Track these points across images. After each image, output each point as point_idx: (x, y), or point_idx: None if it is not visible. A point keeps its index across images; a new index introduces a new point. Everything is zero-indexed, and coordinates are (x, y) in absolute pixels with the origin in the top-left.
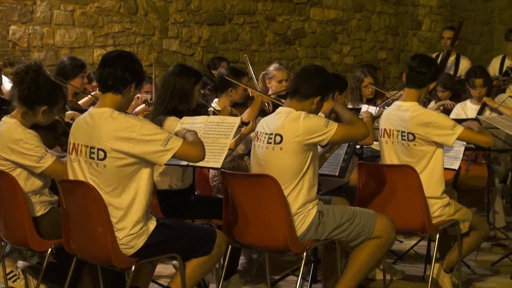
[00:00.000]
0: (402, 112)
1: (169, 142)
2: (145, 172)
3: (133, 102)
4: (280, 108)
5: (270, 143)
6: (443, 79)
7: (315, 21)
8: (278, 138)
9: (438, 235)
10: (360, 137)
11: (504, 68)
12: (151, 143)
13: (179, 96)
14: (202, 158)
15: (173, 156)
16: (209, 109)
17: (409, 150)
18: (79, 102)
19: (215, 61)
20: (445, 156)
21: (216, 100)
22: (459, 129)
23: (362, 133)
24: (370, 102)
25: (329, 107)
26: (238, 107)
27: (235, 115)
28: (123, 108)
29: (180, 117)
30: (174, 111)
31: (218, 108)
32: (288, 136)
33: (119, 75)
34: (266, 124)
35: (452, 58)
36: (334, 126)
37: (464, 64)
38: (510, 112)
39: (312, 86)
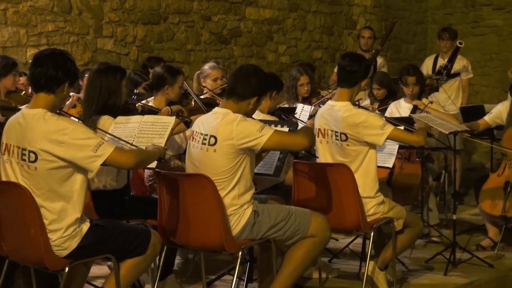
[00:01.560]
0: (334, 112)
1: (100, 148)
2: (79, 177)
3: (68, 102)
4: (216, 108)
5: (205, 144)
6: (378, 77)
7: (250, 20)
8: (212, 140)
9: (372, 233)
10: (297, 148)
11: (437, 67)
12: (81, 148)
13: (108, 94)
14: (132, 166)
15: (104, 163)
16: (137, 105)
17: (343, 150)
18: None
19: (151, 61)
20: (379, 154)
21: (151, 98)
22: (389, 128)
23: (299, 143)
24: (305, 100)
25: (267, 105)
26: (173, 106)
27: (180, 112)
28: (56, 107)
29: (112, 114)
30: (105, 108)
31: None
32: (222, 139)
33: (51, 74)
34: (202, 124)
35: (368, 56)
36: (268, 132)
37: (379, 61)
38: (438, 114)
39: (249, 87)
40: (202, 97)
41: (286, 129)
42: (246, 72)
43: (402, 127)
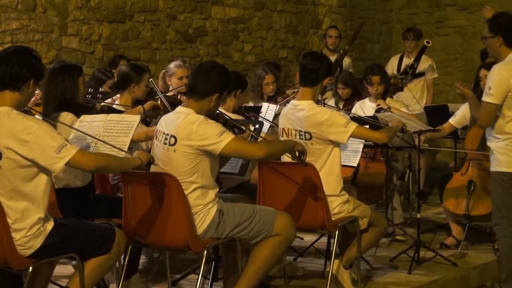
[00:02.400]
0: (298, 111)
1: (63, 149)
2: (43, 177)
3: (32, 99)
4: (179, 107)
5: (166, 144)
6: (343, 76)
7: (216, 19)
8: (172, 140)
9: (337, 232)
10: (252, 158)
11: (403, 66)
12: (44, 149)
13: (65, 92)
14: (93, 170)
15: (67, 164)
16: (96, 105)
17: (307, 149)
18: None
19: (116, 59)
20: (345, 153)
21: (117, 97)
22: (352, 126)
23: (255, 154)
24: (271, 99)
25: (231, 104)
26: (140, 104)
27: (155, 107)
28: (22, 105)
29: (71, 111)
30: (64, 106)
31: (119, 105)
32: (181, 139)
33: (16, 72)
34: (165, 123)
35: (335, 56)
36: (227, 138)
37: (346, 62)
38: (401, 113)
39: (209, 84)
40: (168, 94)
41: (251, 128)
42: (205, 69)
43: (367, 126)
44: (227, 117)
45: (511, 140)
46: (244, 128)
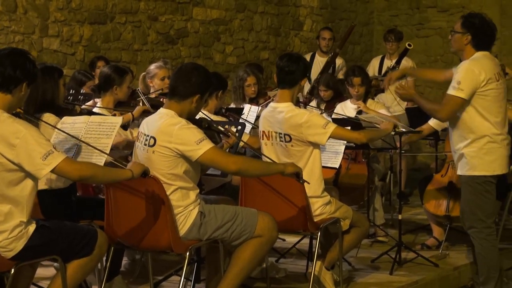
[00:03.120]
0: (277, 113)
1: (49, 156)
2: (29, 182)
3: None
4: (161, 109)
5: (146, 145)
6: (325, 78)
7: (197, 20)
8: (152, 141)
9: (319, 233)
10: (226, 171)
11: (384, 68)
12: (31, 154)
13: (46, 94)
14: (77, 179)
15: (52, 171)
16: (76, 108)
17: (287, 151)
18: None
19: (94, 60)
20: (326, 155)
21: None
22: (331, 127)
23: (228, 168)
24: (252, 101)
25: (213, 105)
26: (122, 106)
27: (146, 111)
28: (13, 108)
29: (52, 112)
30: (45, 107)
31: (102, 107)
32: (160, 140)
33: (9, 74)
34: (147, 125)
35: (326, 58)
36: (205, 147)
37: (338, 63)
38: (381, 115)
39: (190, 85)
40: (151, 96)
41: (233, 129)
42: (186, 70)
43: (349, 127)
44: (210, 120)
45: (485, 142)
46: (229, 133)
